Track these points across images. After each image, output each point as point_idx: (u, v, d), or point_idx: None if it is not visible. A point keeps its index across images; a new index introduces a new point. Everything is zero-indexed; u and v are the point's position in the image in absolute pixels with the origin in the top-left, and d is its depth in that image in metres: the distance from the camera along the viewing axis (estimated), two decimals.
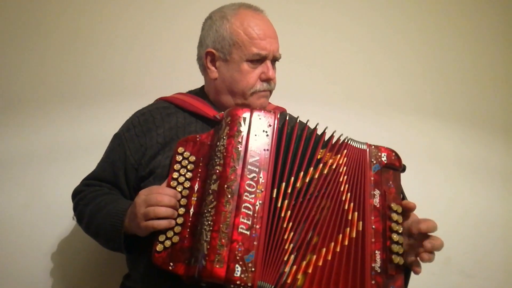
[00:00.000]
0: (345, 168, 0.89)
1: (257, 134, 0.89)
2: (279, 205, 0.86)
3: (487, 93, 1.69)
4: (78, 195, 1.10)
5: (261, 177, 0.86)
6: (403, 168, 0.92)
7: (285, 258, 0.83)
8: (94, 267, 1.35)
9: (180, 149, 0.94)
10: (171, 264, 0.86)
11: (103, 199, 1.03)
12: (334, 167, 0.89)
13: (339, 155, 0.90)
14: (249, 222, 0.83)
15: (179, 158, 0.93)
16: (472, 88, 1.68)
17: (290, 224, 0.85)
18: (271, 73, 1.07)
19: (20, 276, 1.31)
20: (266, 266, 0.82)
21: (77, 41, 1.47)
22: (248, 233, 0.82)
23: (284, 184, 0.87)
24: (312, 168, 0.89)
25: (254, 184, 0.85)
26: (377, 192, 0.87)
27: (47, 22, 1.46)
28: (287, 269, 0.82)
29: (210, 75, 1.10)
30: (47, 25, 1.46)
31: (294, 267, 0.83)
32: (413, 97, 1.64)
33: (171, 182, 0.91)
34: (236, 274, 0.79)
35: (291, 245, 0.84)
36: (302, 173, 0.89)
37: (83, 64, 1.45)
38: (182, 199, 0.89)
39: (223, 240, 0.81)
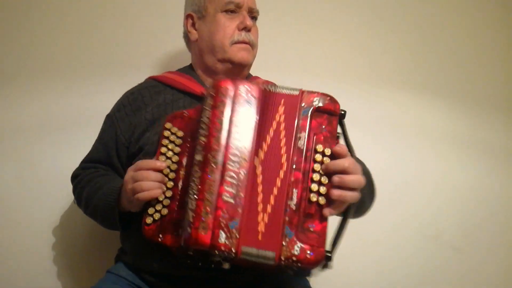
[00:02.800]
0: (283, 116, 0.90)
1: (241, 104, 0.90)
2: (257, 172, 0.86)
3: (477, 68, 1.65)
4: (76, 179, 1.13)
5: (244, 147, 0.87)
6: (342, 114, 0.91)
7: (258, 219, 0.84)
8: (92, 241, 1.37)
9: (168, 125, 0.95)
10: (161, 236, 0.88)
11: (98, 180, 1.06)
12: (281, 120, 0.90)
13: (279, 106, 0.91)
14: (233, 191, 0.83)
15: (167, 133, 0.95)
16: (462, 63, 1.65)
17: (262, 186, 0.86)
18: (248, 21, 1.10)
19: (20, 250, 1.34)
20: (250, 231, 0.83)
21: (69, 11, 1.45)
22: (232, 201, 0.83)
23: (260, 151, 0.88)
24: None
25: (237, 154, 0.86)
26: (303, 134, 0.88)
27: None
28: (259, 228, 0.84)
29: (192, 38, 1.15)
30: None
31: (262, 222, 0.84)
32: (404, 72, 1.61)
33: (160, 157, 0.92)
34: (221, 240, 0.80)
35: (261, 205, 0.85)
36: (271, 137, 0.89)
37: (75, 37, 1.44)
38: (171, 173, 0.91)
39: (208, 208, 0.82)
